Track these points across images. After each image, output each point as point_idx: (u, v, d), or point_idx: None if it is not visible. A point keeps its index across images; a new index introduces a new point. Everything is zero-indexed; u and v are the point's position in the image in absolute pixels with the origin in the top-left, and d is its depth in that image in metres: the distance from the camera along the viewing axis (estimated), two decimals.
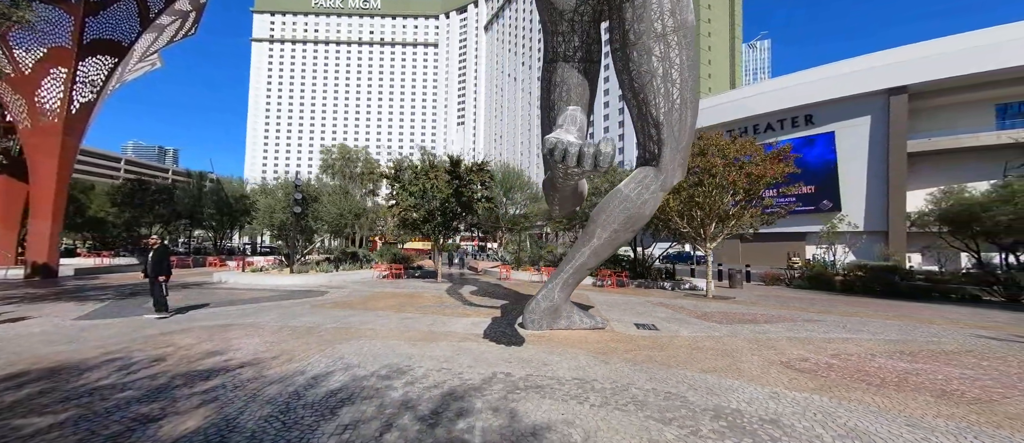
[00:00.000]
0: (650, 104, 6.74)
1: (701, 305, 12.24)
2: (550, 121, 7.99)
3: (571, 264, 7.76)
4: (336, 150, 32.54)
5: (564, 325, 7.99)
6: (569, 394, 4.49)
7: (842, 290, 18.65)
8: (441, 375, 5.05)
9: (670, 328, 8.45)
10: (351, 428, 3.57)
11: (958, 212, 19.27)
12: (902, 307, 12.87)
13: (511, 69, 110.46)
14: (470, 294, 13.98)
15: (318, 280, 18.05)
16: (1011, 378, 5.38)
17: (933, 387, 4.95)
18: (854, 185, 37.24)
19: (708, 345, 6.98)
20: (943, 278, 19.01)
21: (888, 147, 35.41)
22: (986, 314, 11.67)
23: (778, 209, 14.60)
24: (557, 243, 32.77)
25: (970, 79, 32.97)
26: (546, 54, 7.94)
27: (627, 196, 7.29)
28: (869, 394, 4.66)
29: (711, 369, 5.56)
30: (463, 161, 18.46)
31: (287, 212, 18.87)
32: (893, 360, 6.19)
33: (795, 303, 13.34)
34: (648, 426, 3.70)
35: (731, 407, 4.18)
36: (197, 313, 9.35)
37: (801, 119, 41.10)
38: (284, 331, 7.49)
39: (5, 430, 3.39)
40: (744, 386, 4.84)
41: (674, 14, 6.32)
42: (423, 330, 7.83)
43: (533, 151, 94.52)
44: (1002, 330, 9.01)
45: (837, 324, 9.31)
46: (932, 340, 7.71)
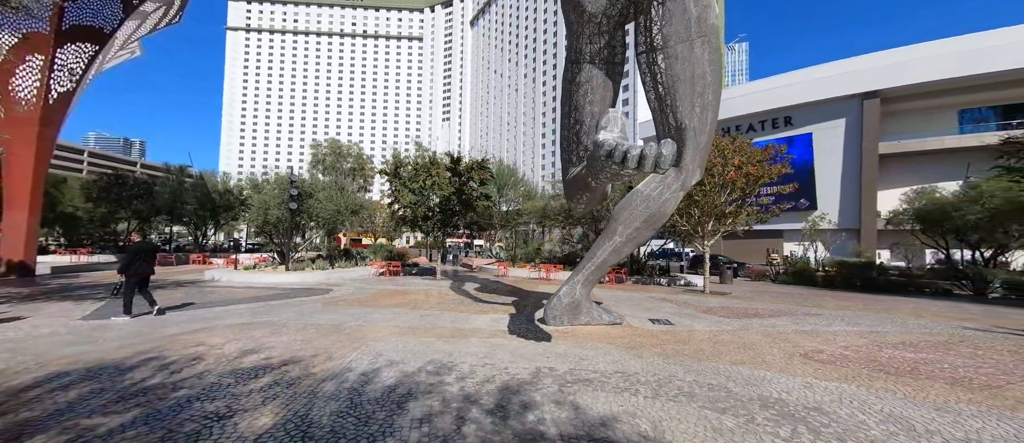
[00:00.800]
0: (675, 107, 6.97)
1: (702, 301, 12.69)
2: (574, 120, 8.16)
3: (593, 262, 7.97)
4: (326, 145, 31.83)
5: (584, 321, 8.20)
6: (618, 387, 4.68)
7: (824, 285, 19.61)
8: (488, 370, 5.16)
9: (684, 323, 8.78)
10: (426, 422, 3.65)
11: (931, 211, 20.52)
12: (884, 301, 13.67)
13: (497, 65, 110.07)
14: (476, 291, 14.06)
15: (316, 278, 17.76)
16: (1007, 366, 5.89)
17: (943, 375, 5.38)
18: (829, 184, 38.98)
19: (726, 339, 7.32)
20: (916, 273, 20.24)
21: (861, 149, 37.19)
22: (961, 307, 12.55)
23: (773, 208, 15.23)
24: (545, 240, 33.10)
25: (936, 85, 34.94)
26: (570, 54, 8.09)
27: (649, 195, 7.54)
28: (891, 382, 5.03)
29: (739, 361, 5.86)
30: (463, 159, 18.43)
31: (282, 208, 18.42)
32: (900, 351, 6.66)
33: (787, 298, 13.99)
34: (706, 416, 3.92)
35: (774, 396, 4.46)
36: (205, 311, 9.12)
37: (781, 120, 42.63)
38: (309, 329, 7.42)
39: (78, 430, 3.32)
40: (777, 377, 5.15)
41: (701, 21, 6.56)
42: (448, 327, 7.89)
43: (519, 148, 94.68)
44: (982, 322, 9.75)
45: (835, 318, 9.86)
46: (926, 332, 8.29)
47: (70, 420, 3.53)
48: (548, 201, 24.71)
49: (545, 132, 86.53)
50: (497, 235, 33.68)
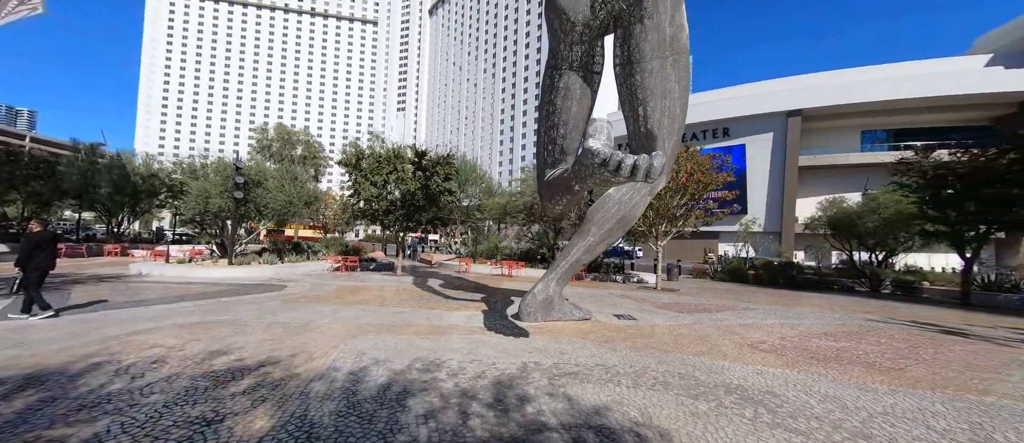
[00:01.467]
0: (647, 117, 7.50)
1: (656, 297, 13.69)
2: (552, 124, 8.44)
3: (567, 260, 8.36)
4: (272, 130, 29.60)
5: (557, 317, 8.57)
6: (602, 379, 5.05)
7: (754, 282, 21.85)
8: (477, 366, 5.30)
9: (645, 319, 9.48)
10: (432, 417, 3.73)
11: (840, 219, 23.66)
12: (803, 297, 15.62)
13: (456, 58, 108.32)
14: (443, 288, 13.99)
15: (264, 273, 16.61)
16: (904, 351, 7.12)
17: (860, 360, 6.40)
18: (758, 191, 43.26)
19: (685, 333, 8.05)
20: (826, 272, 23.25)
21: (785, 161, 41.69)
22: (862, 302, 14.70)
23: (718, 212, 16.71)
24: (501, 236, 33.47)
25: (845, 108, 40.09)
26: (550, 59, 8.34)
27: (621, 199, 8.05)
28: (822, 368, 5.91)
29: (699, 353, 6.52)
30: (429, 152, 18.13)
31: (225, 197, 16.91)
32: (824, 341, 7.77)
33: (727, 294, 15.50)
34: (683, 402, 4.39)
35: (734, 383, 5.08)
36: (144, 311, 8.26)
37: (720, 131, 46.47)
38: (276, 328, 7.04)
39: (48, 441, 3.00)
40: (733, 366, 5.83)
41: (674, 40, 7.11)
42: (425, 324, 7.87)
43: (477, 143, 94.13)
44: (879, 314, 11.56)
45: (769, 312, 11.16)
46: (841, 324, 9.69)
47: (29, 432, 3.16)
48: (509, 198, 24.98)
49: (503, 129, 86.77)
50: (457, 231, 33.43)
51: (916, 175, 16.41)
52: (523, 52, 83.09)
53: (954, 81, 35.60)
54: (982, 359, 6.75)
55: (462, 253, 27.44)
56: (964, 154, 15.43)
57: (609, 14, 7.41)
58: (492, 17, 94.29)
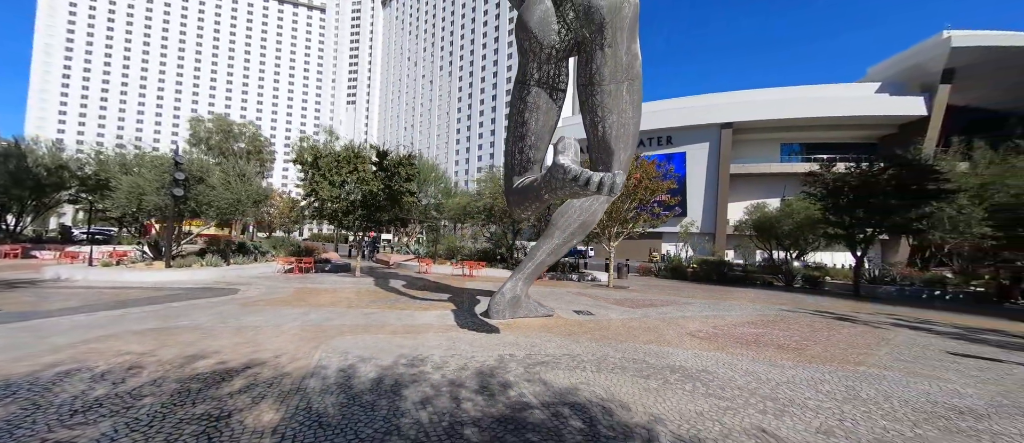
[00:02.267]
0: (606, 132, 8.40)
1: (609, 294, 14.89)
2: (520, 136, 9.10)
3: (533, 261, 9.06)
4: (211, 122, 27.43)
5: (523, 314, 9.23)
6: (570, 366, 5.78)
7: (692, 279, 24.12)
8: (459, 360, 5.81)
9: (601, 314, 10.47)
10: (428, 403, 4.21)
11: (762, 222, 26.85)
12: (732, 291, 17.72)
13: (411, 53, 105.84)
14: (406, 289, 14.14)
15: (208, 276, 15.65)
16: (806, 334, 8.67)
17: (773, 343, 7.75)
18: (696, 195, 47.25)
19: (636, 325, 9.09)
20: (751, 269, 26.21)
21: (718, 168, 45.97)
22: (778, 295, 17.02)
23: (663, 215, 18.37)
24: (458, 235, 33.75)
25: (768, 123, 45.06)
26: (519, 76, 9.00)
27: (582, 206, 8.91)
28: (744, 350, 7.12)
29: (648, 341, 7.52)
30: (390, 153, 18.03)
31: (162, 194, 15.63)
32: (747, 328, 9.17)
33: (670, 290, 17.17)
34: (637, 381, 5.24)
35: (677, 364, 6.05)
36: (85, 318, 7.74)
37: (664, 139, 50.07)
38: (246, 331, 7.00)
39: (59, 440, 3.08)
40: (676, 351, 6.85)
41: (629, 67, 8.07)
42: (399, 324, 8.18)
43: (432, 141, 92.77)
44: (790, 305, 13.58)
45: (705, 305, 12.70)
46: (760, 314, 11.35)
47: (29, 437, 3.20)
48: (470, 199, 25.35)
49: (460, 128, 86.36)
50: (414, 230, 33.10)
51: (820, 186, 19.22)
52: (480, 52, 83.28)
53: (852, 104, 41.44)
54: (861, 339, 8.44)
55: (421, 253, 27.34)
56: (856, 169, 18.38)
57: (574, 40, 8.21)
58: (449, 14, 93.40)
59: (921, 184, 16.74)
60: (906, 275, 21.62)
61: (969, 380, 5.80)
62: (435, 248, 25.81)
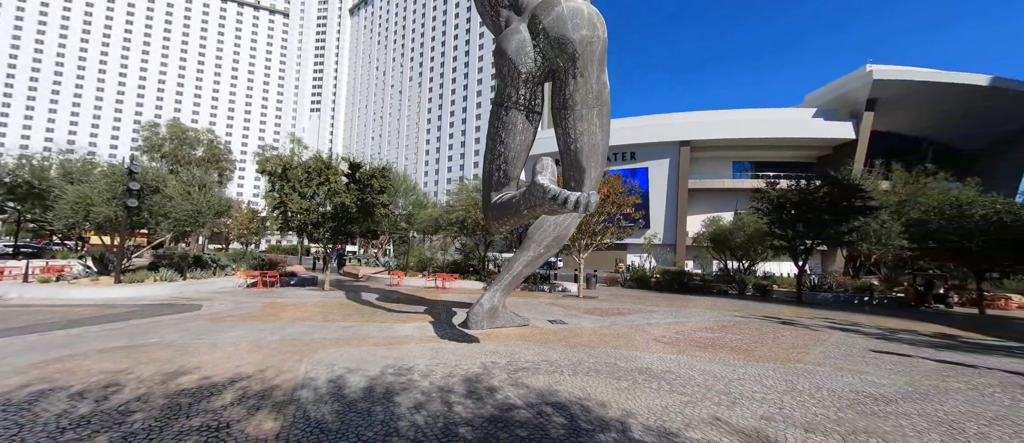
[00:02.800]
0: (578, 152, 9.07)
1: (579, 304, 15.55)
2: (497, 154, 9.59)
3: (510, 273, 9.50)
4: (164, 128, 26.00)
5: (500, 324, 9.62)
6: (549, 370, 6.23)
7: (656, 288, 25.40)
8: (444, 368, 6.10)
9: (574, 323, 11.03)
10: (422, 408, 4.50)
11: (717, 234, 28.82)
12: (691, 300, 18.95)
13: (380, 62, 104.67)
14: (381, 302, 14.10)
15: (164, 291, 14.85)
16: (754, 337, 9.63)
17: (729, 346, 8.59)
18: (658, 208, 49.69)
19: (606, 332, 9.71)
20: (708, 278, 27.94)
21: (678, 183, 48.73)
22: (732, 303, 18.39)
23: (629, 227, 19.42)
24: (427, 247, 33.65)
25: (721, 142, 48.43)
26: (498, 98, 9.54)
27: (556, 221, 9.49)
28: (702, 352, 7.88)
29: (618, 347, 8.12)
30: (363, 164, 17.96)
31: (114, 205, 14.71)
32: (704, 333, 10.04)
33: (635, 299, 18.11)
34: (609, 382, 5.77)
35: (644, 366, 6.65)
36: (37, 338, 7.33)
37: (628, 155, 52.46)
38: (224, 347, 6.92)
39: None
40: (643, 355, 7.48)
41: (599, 95, 8.81)
42: (380, 337, 8.31)
43: (401, 151, 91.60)
44: (742, 311, 14.80)
45: (668, 313, 13.61)
46: (715, 321, 12.35)
47: None
48: (442, 211, 25.48)
49: (429, 138, 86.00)
50: (383, 243, 32.59)
51: (766, 202, 21.08)
52: (450, 63, 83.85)
53: (792, 127, 45.51)
54: (800, 341, 9.50)
55: (391, 265, 27.00)
56: (796, 187, 20.37)
57: (548, 68, 8.87)
58: (419, 24, 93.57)
59: (849, 201, 18.82)
60: (841, 283, 23.94)
61: (884, 373, 6.80)
62: (406, 260, 25.62)
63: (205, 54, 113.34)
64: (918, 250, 19.60)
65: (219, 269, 20.19)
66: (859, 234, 19.62)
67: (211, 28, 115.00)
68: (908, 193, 21.59)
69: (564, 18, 8.17)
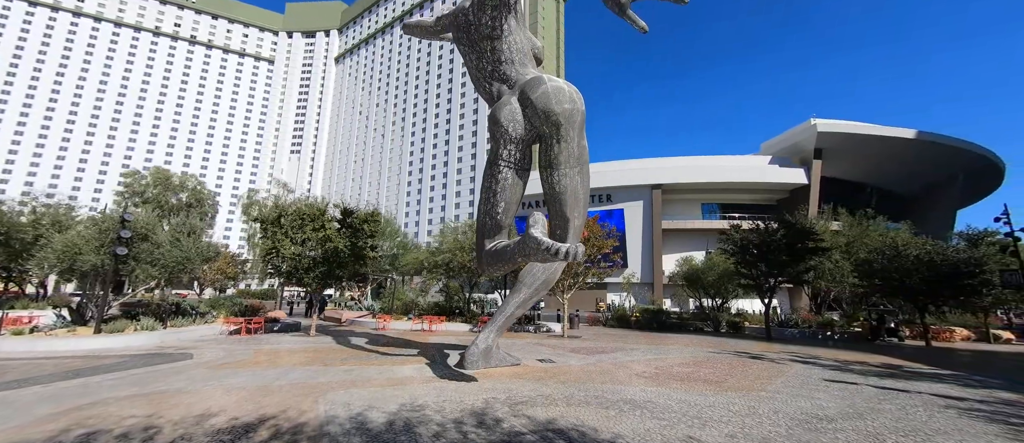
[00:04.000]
0: (563, 205, 10.26)
1: (565, 343, 16.24)
2: (491, 205, 10.67)
3: (504, 315, 10.30)
4: (149, 175, 26.04)
5: (495, 364, 10.26)
6: (545, 403, 6.95)
7: (636, 327, 26.32)
8: (452, 404, 6.73)
9: (562, 361, 11.74)
10: (441, 436, 5.16)
11: (690, 273, 30.43)
12: (669, 337, 19.93)
13: (363, 107, 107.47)
14: (372, 346, 14.38)
15: (147, 341, 14.65)
16: (725, 370, 10.62)
17: (703, 379, 9.52)
18: (635, 248, 51.62)
19: (592, 369, 10.48)
20: (685, 316, 29.14)
21: (652, 224, 51.17)
22: (707, 339, 19.48)
23: (608, 268, 20.58)
24: (407, 289, 33.71)
25: (690, 186, 51.79)
26: (491, 157, 10.77)
27: (545, 266, 10.48)
28: (680, 385, 8.77)
29: (604, 382, 8.91)
30: (355, 210, 18.67)
31: (102, 253, 14.72)
32: (682, 368, 10.95)
33: (617, 338, 18.93)
34: (600, 411, 6.55)
35: (629, 398, 7.47)
36: (41, 389, 7.49)
37: (605, 196, 54.95)
38: (237, 392, 7.30)
39: None
40: (627, 388, 8.30)
41: (580, 156, 10.19)
42: (383, 378, 8.80)
43: (383, 193, 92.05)
44: (716, 348, 15.86)
45: (648, 350, 14.49)
46: (692, 357, 13.32)
47: None
48: (428, 254, 26.07)
49: (411, 181, 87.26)
50: (362, 286, 32.46)
51: (731, 243, 22.89)
52: (433, 110, 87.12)
53: (752, 173, 49.41)
54: (765, 373, 10.54)
55: (376, 309, 26.94)
56: (756, 230, 22.32)
57: (536, 133, 10.25)
58: (403, 71, 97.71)
59: (803, 243, 20.80)
60: (806, 319, 25.59)
61: (831, 398, 7.86)
62: (391, 303, 25.71)
63: (185, 96, 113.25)
64: (866, 287, 21.55)
65: (199, 317, 19.81)
66: (816, 272, 21.48)
67: (194, 72, 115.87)
68: (854, 235, 23.99)
69: (549, 94, 9.66)
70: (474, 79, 11.98)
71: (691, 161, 53.39)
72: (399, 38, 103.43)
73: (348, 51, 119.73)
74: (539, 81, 10.02)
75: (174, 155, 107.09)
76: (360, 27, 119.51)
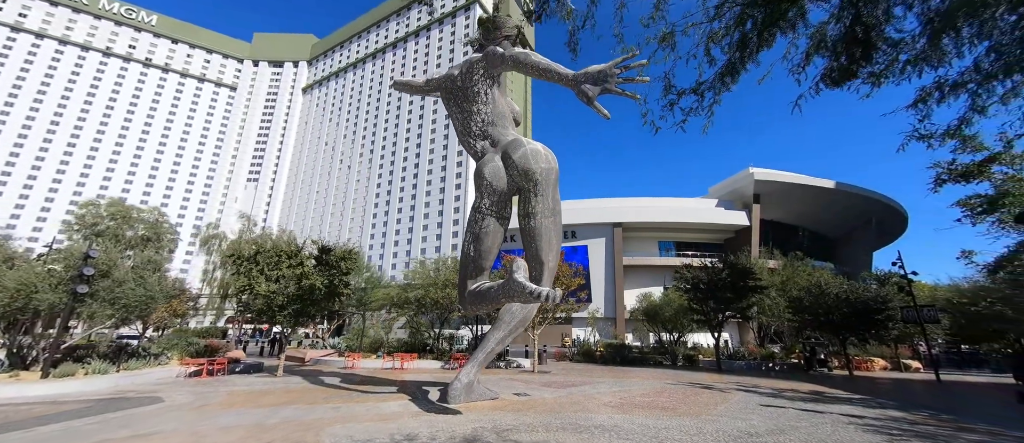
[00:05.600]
0: (539, 249, 11.57)
1: (536, 378, 17.09)
2: (473, 251, 11.80)
3: (484, 351, 11.20)
4: (103, 206, 24.89)
5: (475, 397, 11.01)
6: (528, 430, 7.89)
7: (601, 361, 27.50)
8: (444, 434, 7.51)
9: (536, 394, 12.65)
10: None
11: (649, 309, 32.46)
12: (632, 370, 21.27)
13: (331, 139, 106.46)
14: (349, 384, 14.54)
15: (101, 385, 13.96)
16: (679, 399, 12.00)
17: (661, 406, 10.80)
18: (599, 284, 53.74)
19: (564, 401, 11.49)
20: (645, 350, 30.79)
21: (614, 260, 53.84)
22: (665, 372, 21.00)
23: (577, 303, 21.91)
24: (369, 327, 33.25)
25: (648, 225, 55.49)
26: (475, 205, 12.04)
27: (522, 306, 11.61)
28: (641, 412, 9.99)
29: (577, 411, 9.95)
30: (333, 247, 18.96)
31: (60, 291, 14.09)
32: (644, 397, 12.21)
33: (583, 372, 19.99)
34: (574, 434, 7.60)
35: (597, 424, 8.56)
36: (17, 435, 7.46)
37: (570, 233, 57.31)
38: (238, 430, 7.64)
39: None
40: (596, 416, 9.40)
41: (554, 208, 11.68)
42: (371, 414, 9.33)
43: (345, 225, 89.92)
44: (673, 379, 17.34)
45: (612, 383, 15.68)
46: (652, 389, 14.65)
47: None
48: (400, 290, 26.29)
49: (377, 214, 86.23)
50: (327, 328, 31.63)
51: (684, 281, 25.16)
52: (403, 146, 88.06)
53: (702, 214, 53.93)
54: (712, 400, 12.02)
55: (342, 347, 26.39)
56: (705, 268, 24.78)
57: (516, 187, 11.68)
58: (374, 105, 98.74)
59: (745, 281, 23.36)
60: (752, 351, 28.00)
61: (762, 419, 9.37)
62: (360, 341, 25.40)
63: (131, 117, 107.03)
64: (799, 322, 24.30)
65: (153, 358, 18.75)
66: (758, 308, 24.00)
67: (146, 96, 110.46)
68: (788, 274, 27.14)
69: (528, 156, 11.23)
70: (460, 135, 13.41)
71: (649, 201, 57.46)
72: (371, 72, 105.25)
73: (317, 82, 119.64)
74: (519, 143, 11.59)
75: (113, 180, 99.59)
76: (331, 60, 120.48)
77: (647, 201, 57.71)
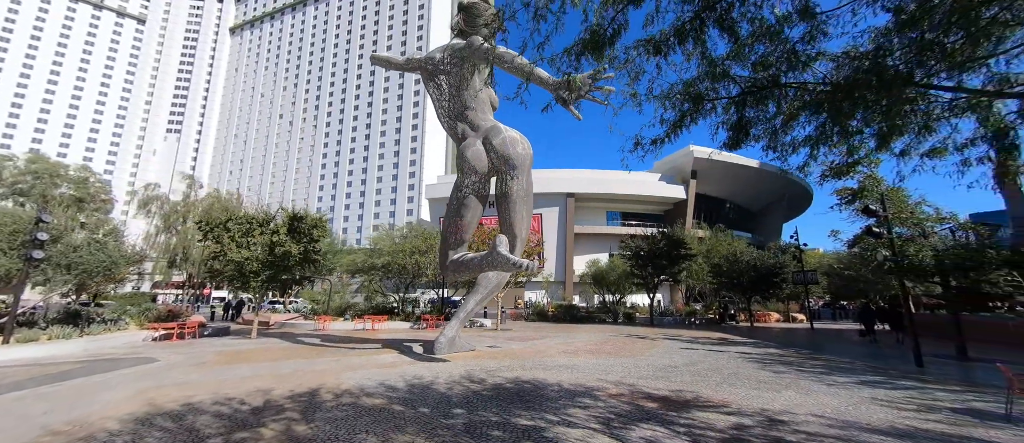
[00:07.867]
0: (513, 224, 13.39)
1: (500, 334, 19.44)
2: (455, 224, 13.32)
3: (463, 311, 13.07)
4: (22, 161, 22.53)
5: (457, 349, 12.96)
6: (508, 370, 10.00)
7: (552, 320, 30.75)
8: (444, 376, 9.36)
9: (505, 346, 14.90)
10: (451, 388, 7.86)
11: (596, 274, 36.19)
12: (580, 327, 24.50)
13: (267, 90, 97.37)
14: (332, 343, 15.82)
15: (70, 348, 14.04)
16: (620, 346, 14.89)
17: (605, 352, 13.51)
18: (551, 251, 57.32)
19: (529, 350, 13.84)
20: (591, 310, 34.61)
21: (565, 229, 57.47)
22: (608, 327, 24.48)
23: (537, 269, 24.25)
24: (334, 292, 33.91)
25: (597, 196, 59.37)
26: (457, 183, 13.43)
27: (498, 274, 13.50)
28: (590, 355, 12.57)
29: (541, 356, 12.29)
30: (306, 216, 19.30)
31: (12, 256, 13.51)
32: (589, 345, 14.95)
33: (540, 329, 22.79)
34: (543, 371, 9.84)
35: (558, 363, 10.92)
36: (46, 389, 8.20)
37: None
38: (260, 378, 8.88)
39: None
40: (557, 359, 11.79)
41: (528, 188, 13.42)
42: (371, 363, 10.92)
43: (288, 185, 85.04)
44: (613, 333, 20.59)
45: (564, 337, 18.46)
46: (598, 339, 17.58)
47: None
48: (366, 256, 27.08)
49: (325, 176, 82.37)
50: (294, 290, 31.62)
51: (630, 250, 28.60)
52: (352, 105, 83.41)
53: (646, 187, 58.65)
54: (645, 346, 15.05)
55: (309, 310, 26.99)
56: (646, 238, 28.31)
57: (495, 168, 13.21)
58: (318, 56, 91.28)
59: (678, 250, 27.19)
60: (679, 309, 32.83)
61: (681, 358, 12.34)
62: (328, 305, 26.15)
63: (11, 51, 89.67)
64: (717, 284, 28.93)
65: (114, 324, 18.39)
66: (687, 273, 28.13)
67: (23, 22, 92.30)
68: (712, 244, 31.71)
69: (507, 142, 12.74)
70: (440, 117, 14.46)
71: (599, 174, 61.00)
72: (313, 17, 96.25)
73: (248, 23, 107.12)
74: (499, 130, 13.02)
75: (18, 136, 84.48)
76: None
77: (598, 173, 61.22)
